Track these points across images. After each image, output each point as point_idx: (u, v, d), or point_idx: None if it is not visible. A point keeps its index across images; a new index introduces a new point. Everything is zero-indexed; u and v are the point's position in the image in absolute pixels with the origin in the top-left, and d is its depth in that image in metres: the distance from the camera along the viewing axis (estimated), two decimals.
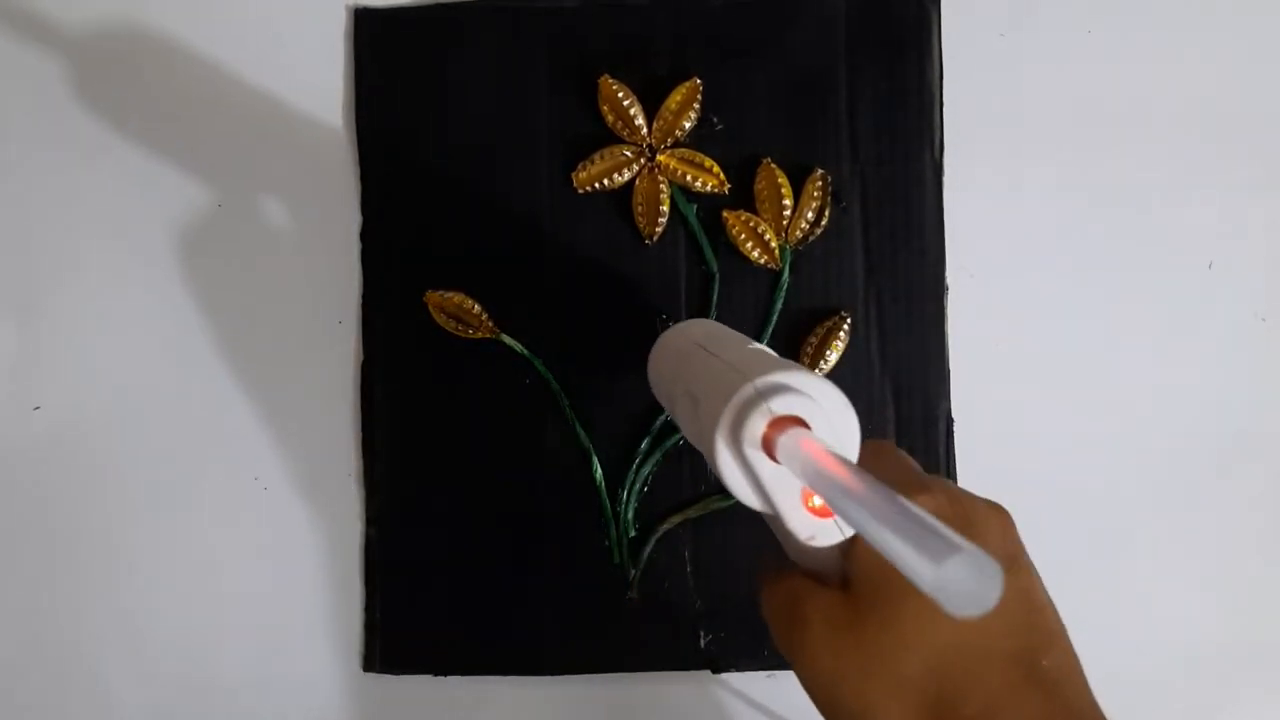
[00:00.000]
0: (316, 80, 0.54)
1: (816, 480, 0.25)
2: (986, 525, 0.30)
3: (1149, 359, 0.53)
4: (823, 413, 0.28)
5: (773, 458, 0.28)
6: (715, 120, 0.52)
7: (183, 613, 0.54)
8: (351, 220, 0.54)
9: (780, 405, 0.28)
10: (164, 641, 0.54)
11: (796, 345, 0.52)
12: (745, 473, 0.29)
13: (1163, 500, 0.53)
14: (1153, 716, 0.53)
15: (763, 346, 0.36)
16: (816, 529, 0.29)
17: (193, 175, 0.54)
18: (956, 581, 0.20)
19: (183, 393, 0.54)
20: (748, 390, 0.29)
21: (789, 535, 0.30)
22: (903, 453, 0.34)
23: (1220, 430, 0.53)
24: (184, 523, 0.54)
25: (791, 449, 0.27)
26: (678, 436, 0.52)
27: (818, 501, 0.29)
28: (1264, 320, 0.53)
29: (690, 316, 0.52)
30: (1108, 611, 0.52)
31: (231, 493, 0.54)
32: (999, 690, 0.28)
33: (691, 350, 0.38)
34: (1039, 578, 0.31)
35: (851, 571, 0.30)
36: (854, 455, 0.29)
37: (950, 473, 0.52)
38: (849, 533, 0.29)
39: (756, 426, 0.28)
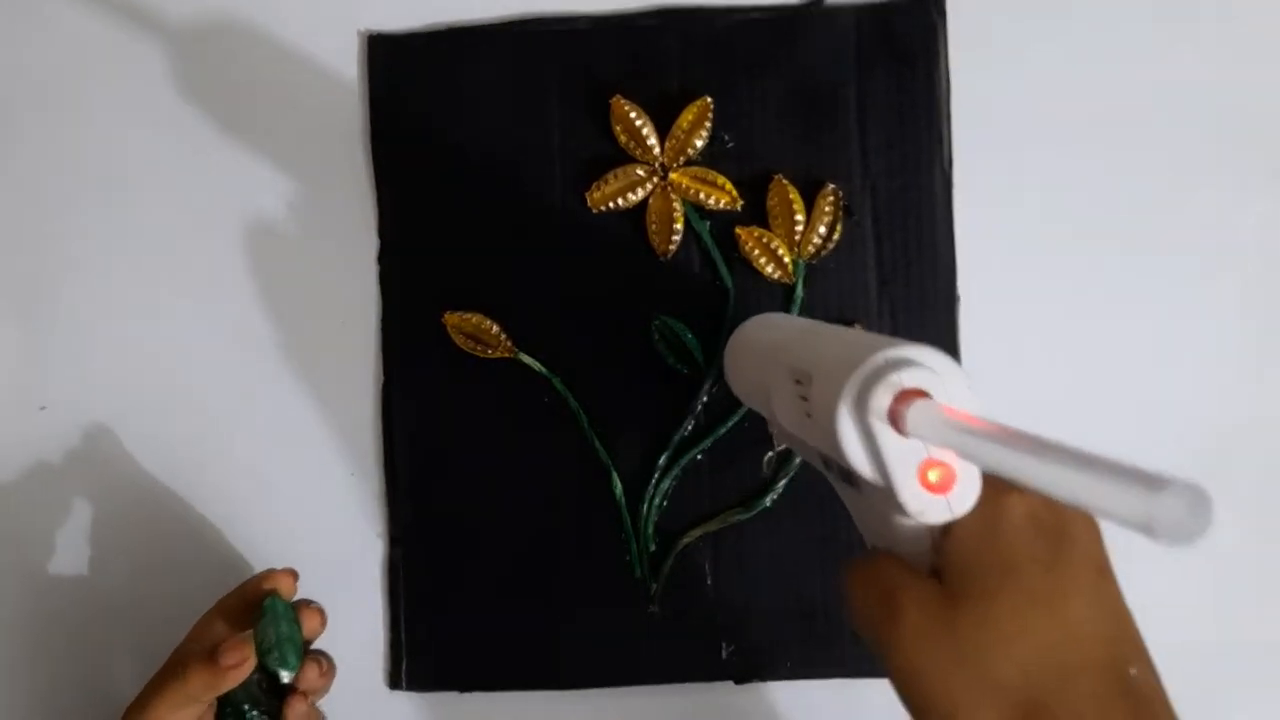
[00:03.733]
0: (331, 105, 0.54)
1: (972, 444, 0.25)
2: (1078, 529, 0.30)
3: (1150, 360, 0.53)
4: (944, 388, 0.28)
5: (897, 429, 0.28)
6: (727, 138, 0.53)
7: None
8: (369, 243, 0.54)
9: (909, 379, 0.28)
10: None
11: None
12: (865, 443, 0.29)
13: None
14: None
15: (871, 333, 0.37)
16: (927, 505, 0.29)
17: (207, 195, 0.55)
18: (1170, 509, 0.20)
19: (193, 425, 0.54)
20: (876, 361, 0.29)
21: (886, 516, 0.30)
22: None
23: (1220, 430, 0.53)
24: (198, 545, 0.54)
25: (934, 418, 0.27)
26: (695, 451, 0.53)
27: (934, 477, 0.29)
28: (1264, 320, 0.54)
29: (708, 332, 0.53)
30: None
31: (247, 511, 0.54)
32: (1089, 698, 0.27)
33: (795, 335, 0.39)
34: (1120, 589, 0.30)
35: (947, 562, 0.29)
36: None
37: None
38: (958, 511, 0.29)
39: (884, 397, 0.28)
